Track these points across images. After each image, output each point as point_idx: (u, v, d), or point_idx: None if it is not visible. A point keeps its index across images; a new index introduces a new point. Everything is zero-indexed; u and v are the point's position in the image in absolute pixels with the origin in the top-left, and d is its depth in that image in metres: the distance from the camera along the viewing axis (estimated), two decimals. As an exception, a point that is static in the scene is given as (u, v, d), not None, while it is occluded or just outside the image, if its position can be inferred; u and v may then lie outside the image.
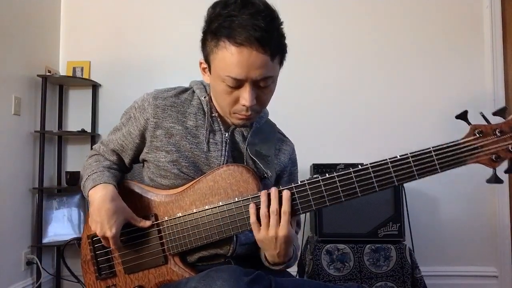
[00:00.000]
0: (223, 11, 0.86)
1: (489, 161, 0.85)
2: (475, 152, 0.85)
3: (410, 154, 0.86)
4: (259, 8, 0.86)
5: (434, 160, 0.85)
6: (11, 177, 2.31)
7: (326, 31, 2.70)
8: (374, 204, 2.03)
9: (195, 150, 1.00)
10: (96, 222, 0.95)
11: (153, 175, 1.04)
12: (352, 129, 2.64)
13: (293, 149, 1.18)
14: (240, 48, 0.84)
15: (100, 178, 1.00)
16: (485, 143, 0.84)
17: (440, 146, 0.86)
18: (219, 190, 0.96)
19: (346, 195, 0.88)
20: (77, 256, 1.08)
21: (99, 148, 1.13)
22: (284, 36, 0.92)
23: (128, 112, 1.07)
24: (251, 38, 0.83)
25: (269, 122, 1.16)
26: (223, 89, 0.91)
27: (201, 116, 1.03)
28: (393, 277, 1.96)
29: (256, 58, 0.85)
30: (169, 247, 0.99)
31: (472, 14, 2.64)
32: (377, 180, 0.87)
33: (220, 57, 0.87)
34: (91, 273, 1.05)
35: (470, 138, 0.85)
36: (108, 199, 0.96)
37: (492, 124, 0.85)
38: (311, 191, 0.89)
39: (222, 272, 0.80)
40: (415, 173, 0.86)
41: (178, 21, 2.72)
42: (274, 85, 0.96)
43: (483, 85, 2.60)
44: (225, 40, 0.85)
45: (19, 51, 2.41)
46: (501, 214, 2.53)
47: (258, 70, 0.87)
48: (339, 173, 0.89)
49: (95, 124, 2.74)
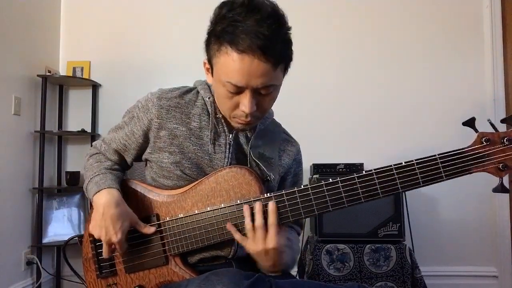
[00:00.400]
0: (228, 14, 0.84)
1: (496, 170, 0.83)
2: (481, 160, 0.83)
3: (416, 161, 0.85)
4: (266, 14, 0.83)
5: (439, 168, 0.84)
6: (11, 177, 2.31)
7: (326, 31, 2.70)
8: (374, 204, 2.02)
9: (199, 151, 1.00)
10: (100, 227, 0.95)
11: (156, 175, 1.04)
12: (352, 129, 2.64)
13: (299, 150, 1.17)
14: (242, 55, 0.82)
15: (103, 182, 1.00)
16: (492, 151, 0.82)
17: (446, 153, 0.84)
18: (221, 192, 0.96)
19: (349, 201, 0.87)
20: (78, 256, 1.08)
21: (100, 146, 1.12)
22: (290, 43, 0.90)
23: (132, 111, 1.06)
24: (254, 46, 0.81)
25: (274, 122, 1.15)
26: (224, 93, 0.90)
27: (205, 117, 1.02)
28: (393, 277, 1.96)
29: (257, 66, 0.83)
30: (170, 247, 0.99)
31: (472, 14, 2.64)
32: (381, 186, 0.86)
33: (222, 62, 0.86)
34: (92, 271, 1.05)
35: (477, 146, 0.83)
36: (113, 204, 0.95)
37: (500, 132, 0.83)
38: (314, 196, 0.89)
39: (222, 276, 0.79)
40: (420, 180, 0.84)
41: (179, 21, 2.72)
42: (277, 92, 0.93)
43: (483, 85, 2.60)
44: (228, 46, 0.84)
45: (19, 51, 2.41)
46: (501, 214, 2.53)
47: (260, 79, 0.85)
48: (343, 178, 0.88)
49: (95, 124, 2.74)
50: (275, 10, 0.86)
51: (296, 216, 0.90)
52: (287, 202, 0.90)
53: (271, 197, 0.91)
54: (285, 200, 0.90)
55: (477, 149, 0.83)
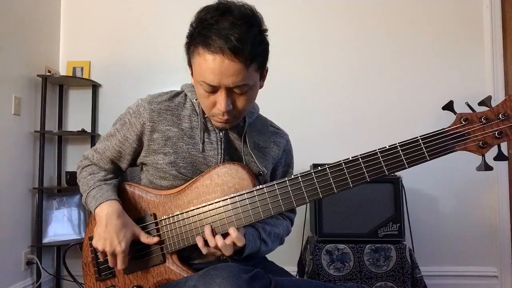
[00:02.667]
0: (204, 17, 0.90)
1: (477, 148, 0.86)
2: (462, 139, 0.87)
3: (399, 143, 0.88)
4: (237, 16, 0.88)
5: (422, 149, 0.87)
6: (11, 177, 2.31)
7: (326, 31, 2.70)
8: (374, 204, 2.03)
9: (192, 150, 1.02)
10: (104, 239, 0.96)
11: (153, 177, 1.05)
12: (352, 129, 2.64)
13: (288, 140, 1.21)
14: (213, 56, 0.87)
15: (101, 196, 1.01)
16: (472, 130, 0.86)
17: (428, 134, 0.88)
18: (215, 188, 0.98)
19: (338, 186, 0.90)
20: (77, 257, 1.09)
21: (92, 156, 1.12)
22: (263, 44, 0.93)
23: (123, 118, 1.07)
24: (224, 47, 0.85)
25: (260, 117, 1.18)
26: (201, 92, 0.95)
27: (195, 117, 1.05)
28: (393, 277, 1.96)
29: (228, 66, 0.87)
30: (167, 245, 1.00)
31: (472, 14, 2.64)
32: (367, 170, 0.89)
33: (197, 63, 0.91)
34: (91, 275, 1.06)
35: (457, 126, 0.87)
36: (115, 216, 0.97)
37: (477, 112, 0.87)
38: (304, 184, 0.92)
39: (221, 270, 0.80)
40: (404, 162, 0.88)
41: (178, 21, 2.70)
42: (253, 92, 0.97)
43: (483, 85, 2.59)
44: (201, 47, 0.89)
45: (19, 51, 2.42)
46: (501, 214, 2.52)
47: (231, 78, 0.88)
48: (331, 165, 0.91)
49: (95, 124, 2.74)
50: (248, 12, 0.91)
51: (288, 205, 0.93)
52: (279, 192, 0.93)
53: (263, 188, 0.93)
54: (276, 191, 0.93)
55: (457, 128, 0.87)
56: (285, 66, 2.62)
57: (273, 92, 2.55)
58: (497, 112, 0.85)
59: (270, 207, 0.93)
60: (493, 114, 0.86)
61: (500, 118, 0.85)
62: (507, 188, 2.54)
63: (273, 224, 1.13)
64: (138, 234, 0.99)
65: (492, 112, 0.86)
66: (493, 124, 0.85)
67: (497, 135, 0.85)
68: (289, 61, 2.65)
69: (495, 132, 0.85)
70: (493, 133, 0.85)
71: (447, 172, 2.52)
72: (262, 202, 0.93)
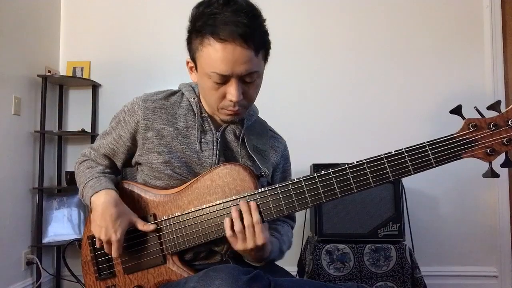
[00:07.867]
0: (206, 10, 0.88)
1: (485, 155, 0.84)
2: (470, 146, 0.84)
3: (405, 149, 0.86)
4: (241, 5, 0.87)
5: (429, 155, 0.85)
6: (11, 177, 2.31)
7: (326, 31, 2.70)
8: (374, 204, 2.03)
9: (187, 150, 1.01)
10: (100, 227, 0.95)
11: (147, 177, 1.04)
12: (352, 129, 2.64)
13: (285, 146, 1.20)
14: (224, 44, 0.86)
15: (99, 185, 1.00)
16: (480, 137, 0.84)
17: (435, 140, 0.85)
18: (216, 189, 0.96)
19: (342, 191, 0.88)
20: (77, 256, 1.08)
21: (89, 153, 1.13)
22: (267, 33, 0.94)
23: (118, 116, 1.07)
24: (234, 34, 0.84)
25: (259, 120, 1.17)
26: (210, 85, 0.93)
27: (191, 117, 1.04)
28: (393, 277, 1.96)
29: (240, 53, 0.86)
30: (168, 246, 0.99)
31: (472, 14, 2.64)
32: (372, 176, 0.87)
33: (206, 54, 0.89)
34: (91, 274, 1.05)
35: (465, 132, 0.85)
36: (112, 204, 0.96)
37: (486, 118, 0.84)
38: (307, 188, 0.90)
39: (220, 272, 0.80)
40: (410, 168, 0.85)
41: (179, 21, 2.70)
42: (260, 80, 0.97)
43: (483, 85, 2.60)
44: (210, 37, 0.87)
45: (19, 51, 2.42)
46: (501, 214, 2.53)
47: (243, 65, 0.88)
48: (335, 169, 0.89)
49: (95, 124, 2.74)
50: (249, 3, 0.91)
51: (290, 209, 0.91)
52: (281, 196, 0.91)
53: (266, 191, 0.92)
54: (279, 194, 0.91)
55: (465, 134, 0.85)
56: (285, 66, 2.62)
57: (273, 92, 2.56)
58: (506, 118, 0.83)
59: (273, 210, 0.91)
60: (502, 120, 0.83)
61: (509, 125, 0.82)
62: (507, 188, 2.54)
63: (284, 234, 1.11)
64: (134, 221, 0.98)
65: (501, 118, 0.83)
66: (502, 131, 0.83)
67: (506, 142, 0.83)
68: (289, 61, 2.65)
69: (504, 139, 0.83)
70: (502, 140, 0.83)
71: (447, 172, 2.52)
72: (264, 206, 0.92)
